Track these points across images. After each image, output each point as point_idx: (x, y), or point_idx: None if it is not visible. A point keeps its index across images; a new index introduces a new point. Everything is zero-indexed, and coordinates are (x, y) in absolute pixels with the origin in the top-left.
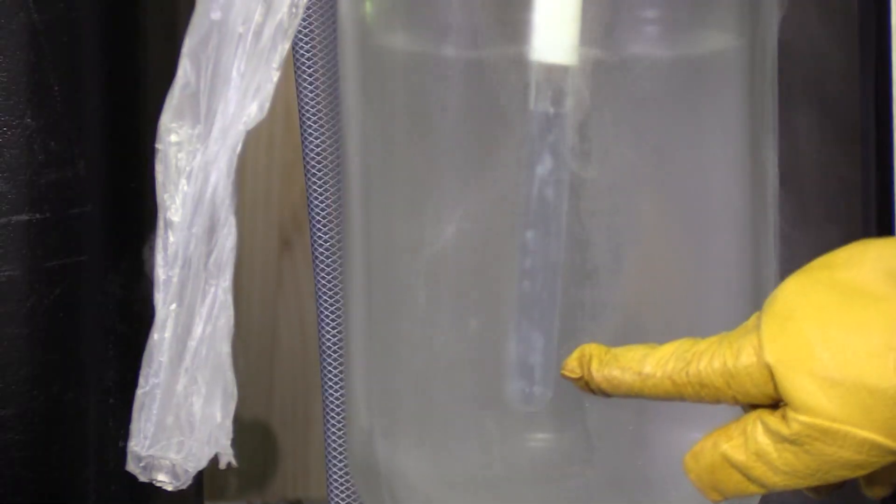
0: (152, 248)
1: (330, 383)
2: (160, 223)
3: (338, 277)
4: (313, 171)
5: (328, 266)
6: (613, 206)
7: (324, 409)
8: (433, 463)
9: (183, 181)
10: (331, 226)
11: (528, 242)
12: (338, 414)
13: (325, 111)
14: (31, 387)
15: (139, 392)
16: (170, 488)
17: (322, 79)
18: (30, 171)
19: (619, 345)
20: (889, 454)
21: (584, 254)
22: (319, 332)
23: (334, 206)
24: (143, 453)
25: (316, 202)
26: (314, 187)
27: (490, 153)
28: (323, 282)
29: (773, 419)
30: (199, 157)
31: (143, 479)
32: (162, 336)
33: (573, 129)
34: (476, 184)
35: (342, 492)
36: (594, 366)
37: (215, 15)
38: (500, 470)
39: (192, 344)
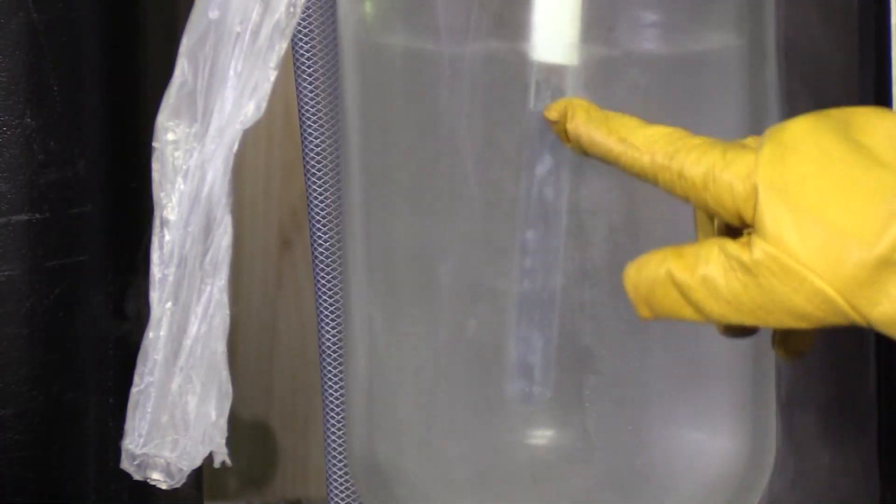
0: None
1: (330, 383)
2: (156, 221)
3: (337, 277)
4: (313, 170)
5: (328, 265)
6: (613, 205)
7: (324, 409)
8: (433, 462)
9: (179, 180)
10: (330, 225)
11: (527, 242)
12: (338, 413)
13: (324, 111)
14: (30, 387)
15: (134, 390)
16: (164, 486)
17: (322, 78)
18: (29, 170)
19: (619, 345)
20: (836, 315)
21: (584, 253)
22: (319, 331)
23: (334, 205)
24: (138, 451)
25: (315, 202)
26: (314, 187)
27: (490, 152)
28: (322, 281)
29: (734, 245)
30: (195, 155)
31: (137, 477)
32: (157, 334)
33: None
34: (476, 183)
35: (342, 491)
36: (580, 118)
37: (213, 14)
38: (500, 469)
39: (187, 342)
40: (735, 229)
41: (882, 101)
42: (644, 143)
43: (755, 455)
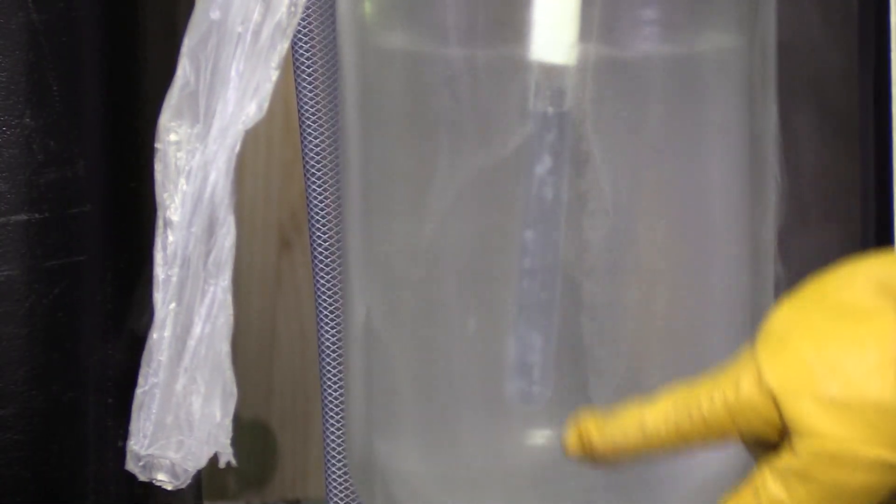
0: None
1: (329, 383)
2: (159, 222)
3: (337, 277)
4: (312, 170)
5: (327, 266)
6: (612, 205)
7: (323, 409)
8: (432, 463)
9: (182, 180)
10: (330, 226)
11: (527, 242)
12: (337, 414)
13: (324, 111)
14: (29, 387)
15: (138, 391)
16: (169, 487)
17: (321, 78)
18: (29, 170)
19: (619, 345)
20: None
21: (583, 253)
22: (318, 331)
23: (333, 206)
24: (143, 452)
25: (315, 202)
26: (313, 187)
27: (489, 153)
28: (322, 282)
29: (779, 459)
30: (198, 156)
31: (142, 478)
32: (161, 335)
33: (572, 129)
34: (475, 183)
35: (341, 492)
36: (595, 437)
37: (214, 14)
38: (500, 469)
39: (191, 343)
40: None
41: (881, 100)
42: (659, 420)
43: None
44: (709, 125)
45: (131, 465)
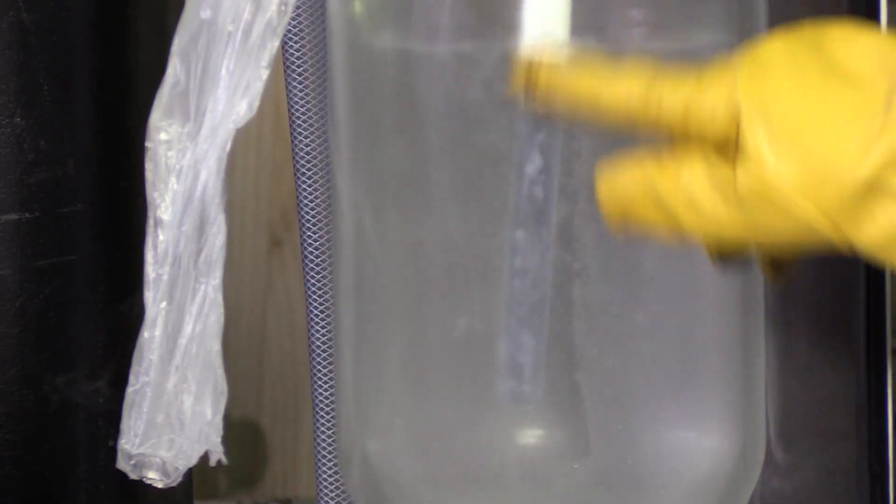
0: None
1: (319, 382)
2: (150, 221)
3: (327, 276)
4: (303, 169)
5: (317, 265)
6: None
7: (313, 409)
8: (423, 461)
9: (173, 179)
10: (320, 225)
11: (517, 241)
12: (327, 413)
13: (314, 110)
14: (20, 386)
15: (129, 390)
16: (160, 485)
17: (311, 77)
18: (19, 170)
19: (610, 344)
20: (821, 240)
21: (574, 253)
22: (309, 331)
23: (324, 204)
24: (134, 451)
25: (305, 201)
26: (303, 186)
27: (479, 152)
28: (312, 281)
29: (718, 160)
30: (188, 155)
31: (133, 476)
32: (152, 334)
33: (562, 128)
34: (465, 183)
35: (332, 491)
36: (542, 74)
37: (205, 14)
38: (490, 468)
39: (182, 342)
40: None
41: None
42: (617, 82)
43: (745, 453)
44: None
45: (122, 464)
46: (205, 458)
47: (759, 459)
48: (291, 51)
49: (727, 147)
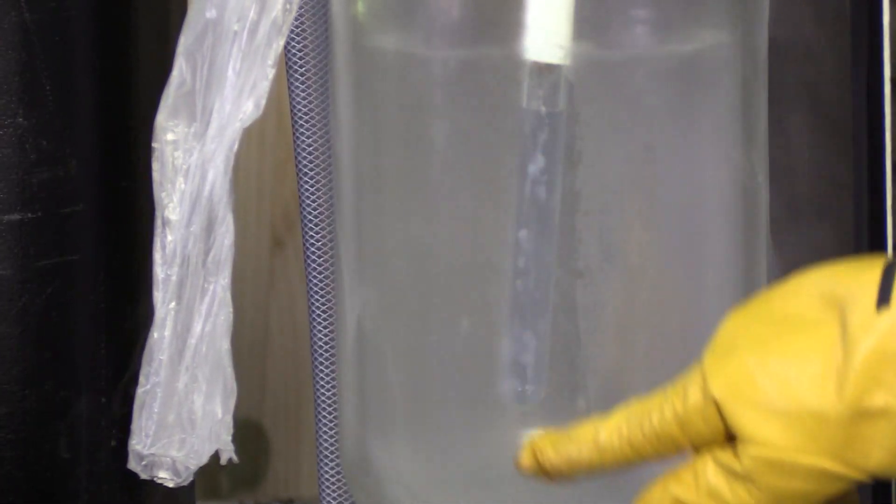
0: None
1: (322, 382)
2: (158, 222)
3: (330, 276)
4: (305, 170)
5: (320, 265)
6: (605, 204)
7: (316, 409)
8: (425, 462)
9: (180, 179)
10: (322, 225)
11: (520, 242)
12: (330, 413)
13: (316, 110)
14: (22, 386)
15: (140, 391)
16: (171, 485)
17: (314, 78)
18: (21, 170)
19: (613, 344)
20: (838, 480)
21: (577, 253)
22: (311, 331)
23: (326, 205)
24: (145, 451)
25: (308, 201)
26: (306, 186)
27: (482, 152)
28: (315, 281)
29: (724, 455)
30: (195, 155)
31: (144, 476)
32: (162, 334)
33: (565, 128)
34: (468, 183)
35: (334, 491)
36: (549, 453)
37: (210, 13)
38: (493, 469)
39: (191, 341)
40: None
41: (874, 100)
42: (612, 436)
43: None
44: (701, 125)
45: (133, 465)
46: (210, 457)
47: None
48: (294, 51)
49: (731, 438)
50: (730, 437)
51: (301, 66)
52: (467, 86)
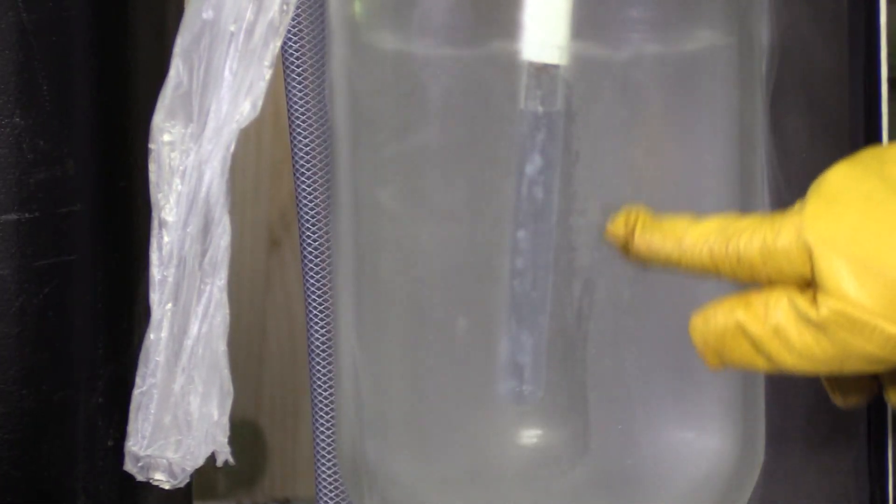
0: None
1: (319, 383)
2: (154, 223)
3: (327, 277)
4: (302, 170)
5: (317, 265)
6: (604, 205)
7: (313, 409)
8: (423, 462)
9: (177, 180)
10: (319, 225)
11: (518, 242)
12: (327, 413)
13: (313, 110)
14: (20, 386)
15: (136, 392)
16: (167, 487)
17: (311, 77)
18: (18, 170)
19: (610, 344)
20: None
21: (575, 253)
22: (308, 331)
23: (323, 205)
24: (142, 453)
25: (305, 201)
26: (303, 186)
27: (480, 152)
28: (312, 281)
29: (801, 299)
30: (192, 156)
31: (140, 478)
32: (158, 336)
33: (563, 128)
34: (466, 183)
35: (331, 491)
36: (638, 230)
37: (207, 14)
38: (490, 469)
39: (188, 343)
40: None
41: (871, 101)
42: (697, 239)
43: (744, 454)
44: (699, 124)
45: (129, 466)
46: (206, 459)
47: (758, 460)
48: (291, 51)
49: (808, 284)
50: (807, 286)
51: (298, 67)
52: (465, 85)
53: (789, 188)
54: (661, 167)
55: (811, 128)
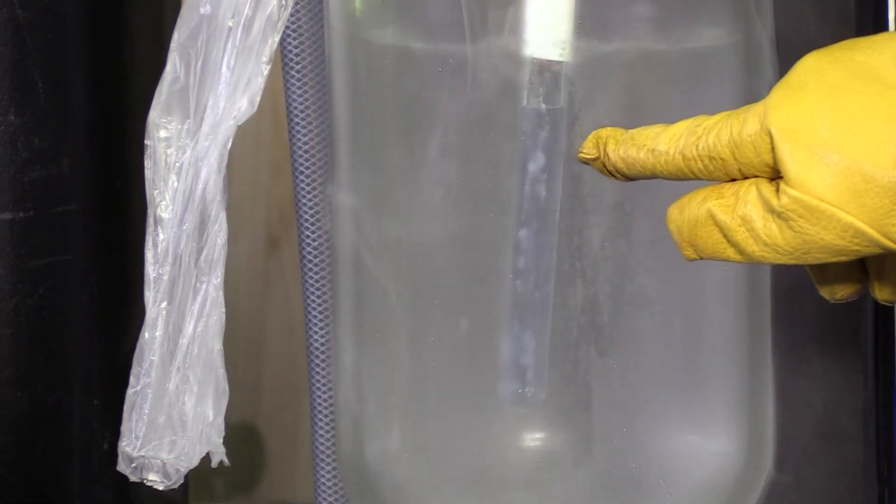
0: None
1: (318, 385)
2: (149, 220)
3: (326, 277)
4: (301, 168)
5: (317, 265)
6: (606, 203)
7: (312, 412)
8: (423, 465)
9: (173, 177)
10: (319, 224)
11: (520, 241)
12: (326, 416)
13: (313, 107)
14: (15, 388)
15: (130, 392)
16: (161, 488)
17: (310, 75)
18: (13, 168)
19: (614, 346)
20: (871, 245)
21: (578, 252)
22: (308, 332)
23: (322, 204)
24: (135, 454)
25: (304, 200)
26: (302, 185)
27: (482, 150)
28: (311, 281)
29: (767, 188)
30: (188, 152)
31: (133, 479)
32: (153, 335)
33: (566, 126)
34: (467, 181)
35: (330, 495)
36: (610, 146)
37: (204, 9)
38: (492, 472)
39: (183, 342)
40: None
41: None
42: (669, 144)
43: (752, 456)
44: None
45: (123, 467)
46: (202, 460)
47: (765, 464)
48: (290, 47)
49: (776, 174)
50: (778, 176)
51: (297, 63)
52: (467, 82)
53: None
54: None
55: None
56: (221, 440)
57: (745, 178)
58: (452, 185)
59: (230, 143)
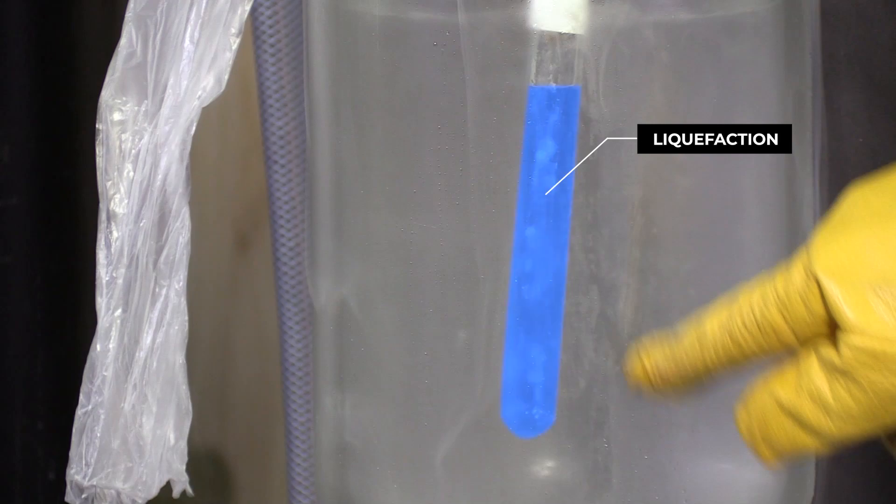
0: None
1: (294, 405)
2: (102, 215)
3: (304, 282)
4: (275, 157)
5: (293, 269)
6: (627, 197)
7: (287, 436)
8: (416, 498)
9: (128, 166)
10: (296, 221)
11: (527, 241)
12: (303, 441)
13: (289, 88)
14: None
15: (80, 412)
16: None
17: (286, 49)
18: None
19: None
20: None
21: (593, 255)
22: (282, 345)
23: (300, 198)
24: (85, 483)
25: (278, 194)
26: (276, 177)
27: (482, 136)
28: (286, 287)
29: (826, 347)
30: (146, 138)
31: None
32: (105, 347)
33: (580, 108)
34: (466, 172)
35: None
36: (657, 354)
37: None
38: None
39: (140, 355)
40: None
41: None
42: (713, 329)
43: (791, 488)
44: (738, 100)
45: (72, 498)
46: (164, 490)
47: (807, 495)
48: (263, 17)
49: (835, 327)
50: (832, 328)
51: (271, 36)
52: (465, 58)
53: (844, 178)
54: (692, 154)
55: (868, 106)
56: (184, 466)
57: (802, 342)
58: (448, 177)
59: (194, 128)
